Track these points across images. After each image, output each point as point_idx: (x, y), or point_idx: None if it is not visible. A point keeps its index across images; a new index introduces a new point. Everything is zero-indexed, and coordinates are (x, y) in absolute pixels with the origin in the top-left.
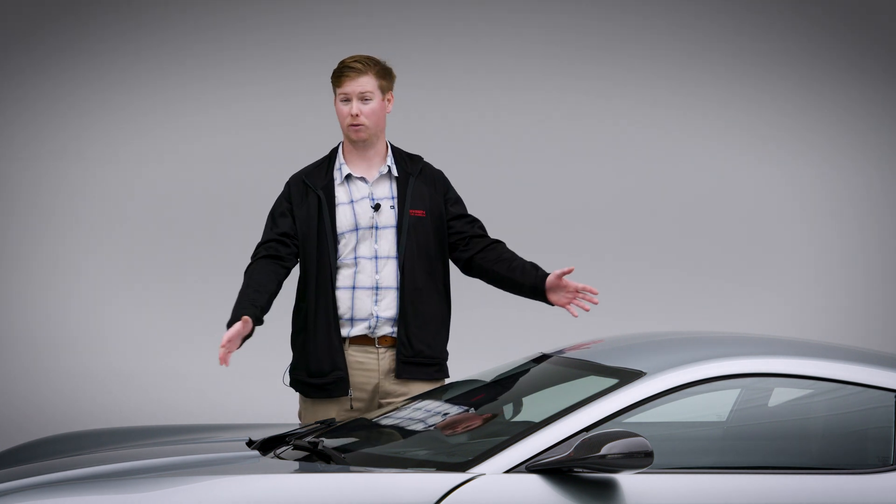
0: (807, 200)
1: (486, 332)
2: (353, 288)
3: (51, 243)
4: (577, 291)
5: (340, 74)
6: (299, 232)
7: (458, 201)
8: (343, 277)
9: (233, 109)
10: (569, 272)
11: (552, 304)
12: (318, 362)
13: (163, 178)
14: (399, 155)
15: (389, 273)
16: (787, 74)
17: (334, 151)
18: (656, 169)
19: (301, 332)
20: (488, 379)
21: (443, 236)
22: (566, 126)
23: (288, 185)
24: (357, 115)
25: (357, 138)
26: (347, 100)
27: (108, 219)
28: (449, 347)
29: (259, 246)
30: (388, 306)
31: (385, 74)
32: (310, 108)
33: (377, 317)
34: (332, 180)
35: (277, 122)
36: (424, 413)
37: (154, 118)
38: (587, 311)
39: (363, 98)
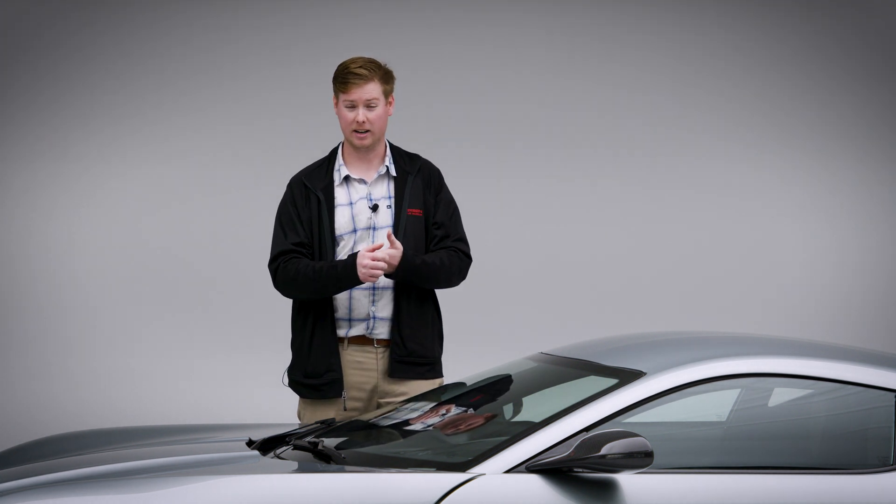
0: (805, 201)
1: (486, 332)
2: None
3: (52, 244)
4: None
5: (346, 81)
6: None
7: (448, 205)
8: None
9: (232, 107)
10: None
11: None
12: (314, 363)
13: (163, 181)
14: (398, 154)
15: None
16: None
17: (334, 152)
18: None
19: (299, 333)
20: (488, 379)
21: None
22: (568, 133)
23: (290, 186)
24: (363, 123)
25: (361, 144)
26: (353, 106)
27: (109, 221)
28: (447, 348)
29: (277, 256)
30: (385, 306)
31: (388, 79)
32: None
33: (374, 317)
34: (331, 181)
35: (281, 120)
36: (424, 413)
37: (154, 118)
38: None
39: (369, 105)
